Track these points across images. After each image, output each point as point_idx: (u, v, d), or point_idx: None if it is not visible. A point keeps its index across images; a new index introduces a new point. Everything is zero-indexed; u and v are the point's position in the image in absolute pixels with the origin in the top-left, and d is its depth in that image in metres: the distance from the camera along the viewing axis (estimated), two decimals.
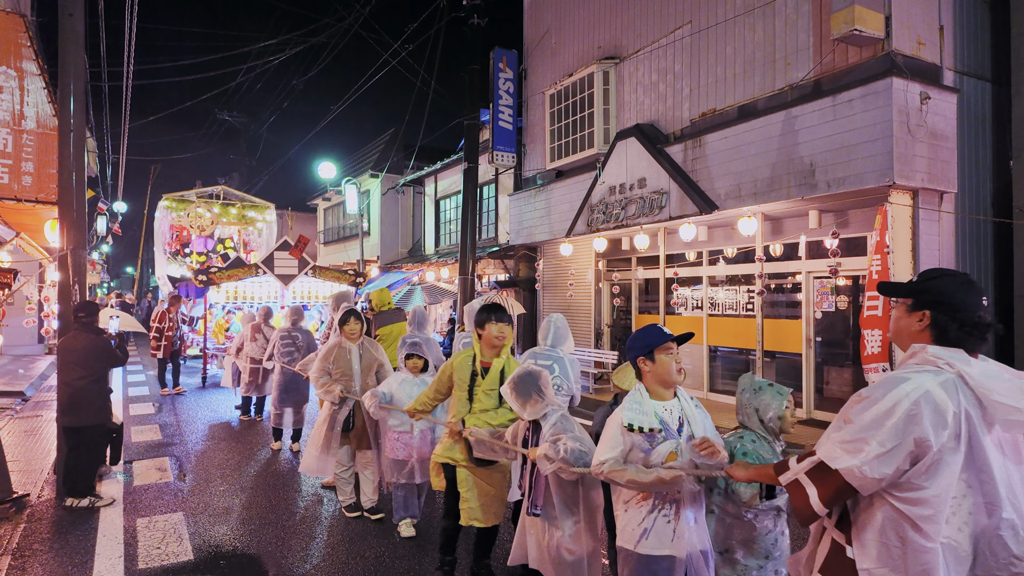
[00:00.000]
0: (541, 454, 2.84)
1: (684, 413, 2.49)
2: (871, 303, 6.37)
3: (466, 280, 12.03)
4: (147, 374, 13.37)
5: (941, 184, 6.57)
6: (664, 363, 2.47)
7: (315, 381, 4.83)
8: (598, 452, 2.49)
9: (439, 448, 3.70)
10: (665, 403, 2.48)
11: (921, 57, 6.74)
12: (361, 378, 4.86)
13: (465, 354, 3.65)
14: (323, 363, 4.82)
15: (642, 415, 2.42)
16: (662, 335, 2.50)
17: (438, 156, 18.74)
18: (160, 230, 16.95)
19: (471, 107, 12.06)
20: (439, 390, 3.80)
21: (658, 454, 2.39)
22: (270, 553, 4.24)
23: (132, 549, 4.28)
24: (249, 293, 12.08)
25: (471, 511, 3.50)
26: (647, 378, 2.50)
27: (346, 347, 4.88)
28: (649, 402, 2.45)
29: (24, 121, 7.51)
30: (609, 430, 2.49)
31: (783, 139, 7.28)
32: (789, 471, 1.81)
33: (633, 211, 9.49)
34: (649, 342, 2.49)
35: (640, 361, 2.50)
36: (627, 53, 10.30)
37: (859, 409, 1.67)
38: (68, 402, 5.18)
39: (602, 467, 2.43)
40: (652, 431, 2.40)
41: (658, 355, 2.47)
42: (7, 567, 3.97)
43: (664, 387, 2.49)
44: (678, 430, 2.45)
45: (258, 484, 5.79)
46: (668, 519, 2.41)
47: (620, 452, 2.42)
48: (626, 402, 2.47)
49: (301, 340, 7.22)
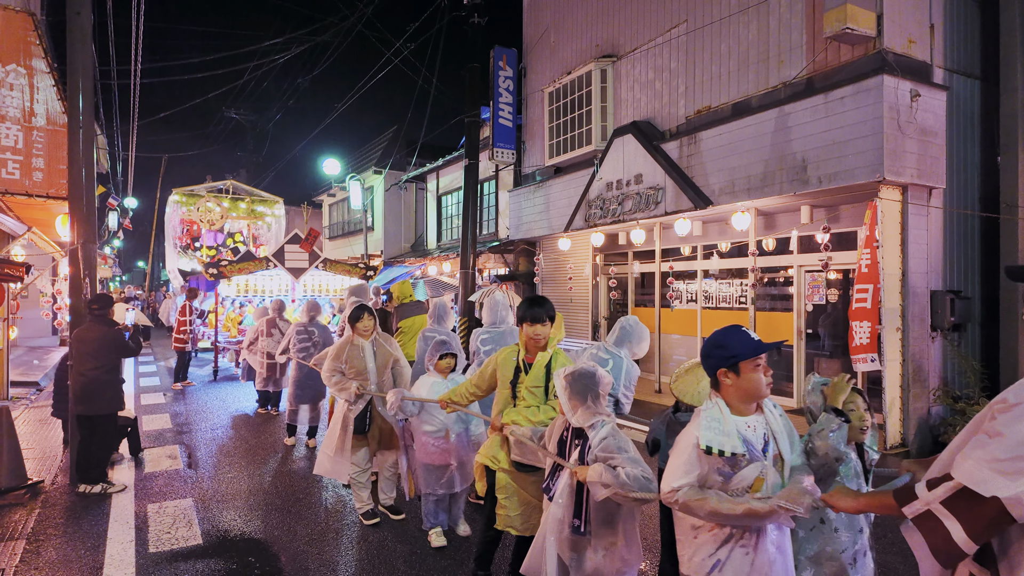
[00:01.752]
0: (595, 479, 2.44)
1: (770, 428, 2.13)
2: (860, 296, 6.52)
3: (467, 274, 12.20)
4: (158, 365, 13.59)
5: (930, 180, 6.70)
6: (752, 379, 2.09)
7: (327, 380, 4.61)
8: (669, 476, 2.11)
9: (483, 448, 3.51)
10: (748, 419, 2.11)
11: (912, 55, 6.86)
12: (377, 376, 4.60)
13: (510, 349, 3.48)
14: (334, 362, 4.58)
15: (723, 436, 2.05)
16: (752, 345, 2.09)
17: (440, 153, 18.89)
18: (170, 224, 17.05)
19: (472, 105, 12.20)
20: (479, 385, 3.57)
21: (741, 479, 2.05)
22: (277, 538, 4.37)
23: (143, 534, 4.42)
24: (260, 286, 12.08)
25: (508, 518, 3.30)
26: (728, 392, 2.13)
27: (359, 344, 4.61)
28: (731, 419, 2.08)
29: (34, 118, 7.67)
30: (682, 451, 2.11)
31: (776, 136, 7.41)
32: (917, 501, 1.48)
33: (630, 207, 9.64)
34: (735, 352, 2.09)
35: (721, 374, 2.12)
36: (624, 51, 10.43)
37: (1010, 419, 1.36)
38: (81, 391, 5.34)
39: (676, 495, 2.07)
40: (735, 455, 2.04)
41: (746, 369, 2.08)
42: (22, 551, 4.12)
43: (746, 403, 2.13)
44: (763, 449, 2.09)
45: (267, 472, 5.95)
46: (747, 551, 2.07)
47: (696, 477, 2.07)
48: (703, 419, 2.10)
49: (317, 335, 7.10)
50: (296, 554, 4.13)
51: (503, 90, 13.00)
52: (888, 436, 6.59)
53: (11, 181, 7.46)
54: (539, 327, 3.32)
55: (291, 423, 6.93)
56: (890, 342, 6.61)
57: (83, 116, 5.81)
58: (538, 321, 3.32)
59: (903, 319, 6.67)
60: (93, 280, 5.89)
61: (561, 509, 2.68)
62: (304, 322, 7.16)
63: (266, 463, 6.21)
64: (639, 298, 11.25)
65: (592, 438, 2.60)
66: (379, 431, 4.63)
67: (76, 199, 5.81)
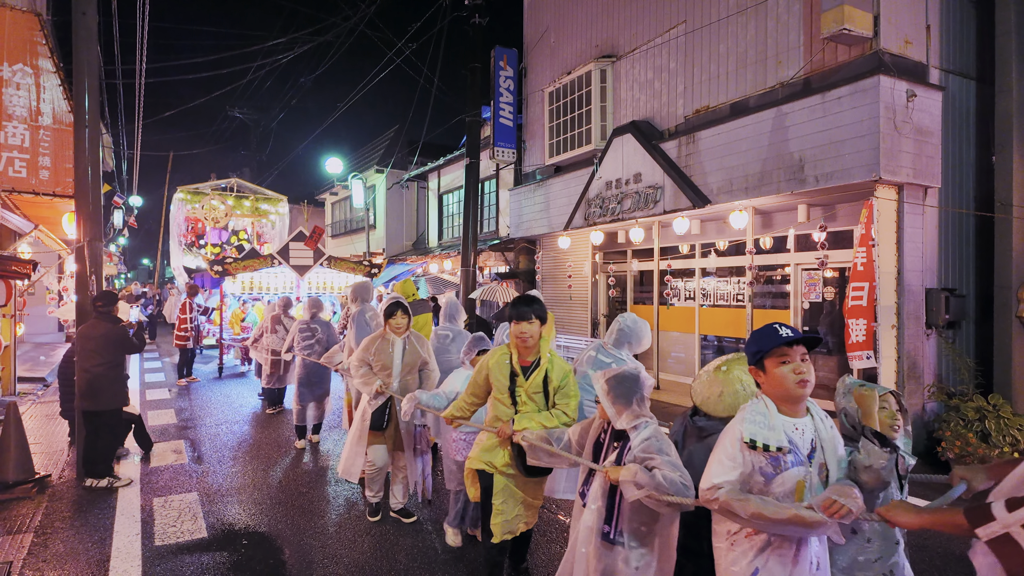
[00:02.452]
0: (629, 478, 2.28)
1: (818, 436, 1.99)
2: (856, 293, 6.59)
3: (468, 272, 12.30)
4: (163, 361, 13.67)
5: (926, 179, 6.76)
6: (777, 376, 1.96)
7: (354, 371, 4.51)
8: (710, 472, 2.00)
9: (475, 451, 3.37)
10: (795, 420, 1.99)
11: (908, 56, 6.92)
12: (401, 375, 4.46)
13: (500, 352, 3.29)
14: (363, 353, 4.50)
15: (768, 430, 1.93)
16: (772, 337, 1.97)
17: (441, 152, 18.97)
18: (175, 222, 17.09)
19: (473, 104, 12.28)
20: (475, 393, 3.41)
21: (783, 482, 1.93)
22: (282, 532, 4.44)
23: (149, 527, 4.49)
24: (265, 284, 12.04)
25: (506, 523, 3.16)
26: (765, 391, 2.04)
27: (389, 340, 4.49)
28: (777, 417, 1.96)
29: (41, 117, 7.75)
30: (724, 447, 2.01)
31: (774, 135, 7.48)
32: (995, 522, 1.37)
33: (629, 205, 9.71)
34: (758, 348, 1.99)
35: (752, 372, 2.06)
36: (624, 51, 10.49)
37: None
38: (87, 387, 5.40)
39: (716, 492, 1.96)
40: (780, 450, 1.92)
41: (770, 364, 1.97)
42: (30, 544, 4.19)
43: (786, 404, 1.99)
44: (809, 456, 1.97)
45: (272, 467, 6.02)
46: (785, 561, 1.96)
47: (739, 475, 1.96)
48: (747, 413, 2.00)
49: (321, 332, 7.05)
50: (301, 548, 4.19)
51: (504, 90, 13.07)
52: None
53: (18, 179, 7.54)
54: (524, 325, 3.15)
55: (299, 424, 6.79)
56: (886, 339, 6.69)
57: (89, 115, 5.87)
58: (523, 319, 3.15)
59: (898, 317, 6.75)
60: (99, 277, 5.95)
61: (593, 516, 2.53)
62: (306, 319, 7.11)
63: (271, 459, 6.29)
64: (638, 296, 11.33)
65: (634, 439, 2.46)
66: (395, 432, 4.53)
67: (82, 197, 5.87)
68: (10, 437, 5.25)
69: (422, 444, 4.60)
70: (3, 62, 7.63)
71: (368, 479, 4.63)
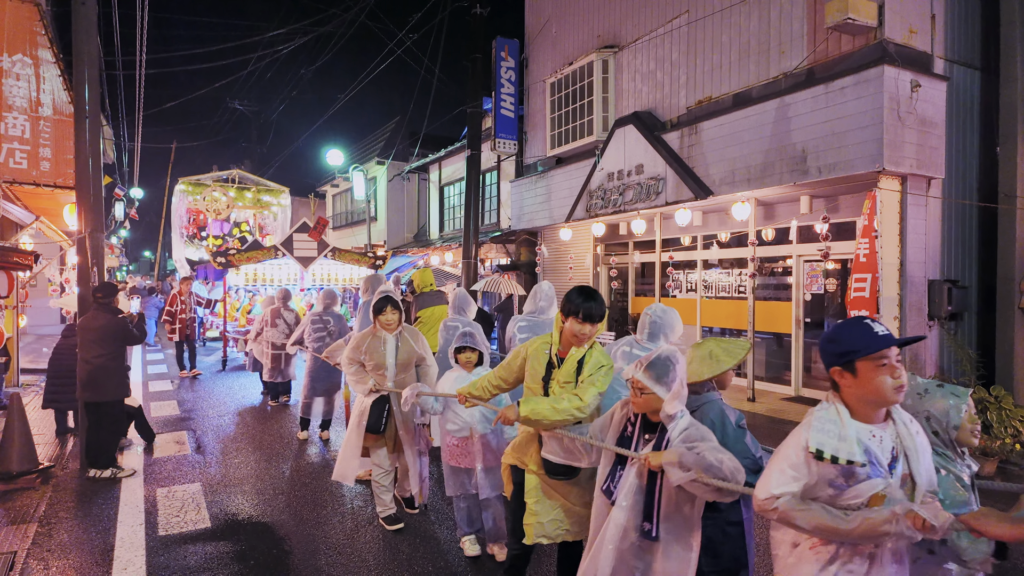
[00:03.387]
0: (674, 459, 2.15)
1: (900, 443, 1.79)
2: (858, 285, 6.59)
3: (469, 264, 12.29)
4: (166, 352, 13.68)
5: (929, 170, 6.74)
6: (874, 381, 1.74)
7: (346, 369, 4.35)
8: (768, 481, 1.84)
9: (509, 447, 3.20)
10: (873, 427, 1.78)
11: (912, 46, 6.87)
12: (396, 372, 4.22)
13: (542, 340, 3.08)
14: (354, 352, 4.28)
15: (839, 440, 1.73)
16: (874, 340, 1.74)
17: (442, 144, 18.93)
18: (177, 213, 16.99)
19: (474, 95, 12.23)
20: (504, 377, 3.18)
21: (857, 495, 1.74)
22: (285, 522, 4.45)
23: (152, 517, 4.50)
24: (269, 276, 11.94)
25: (538, 527, 2.94)
26: (847, 395, 1.81)
27: (381, 337, 4.23)
28: (850, 424, 1.76)
29: (41, 108, 7.74)
30: (785, 454, 1.84)
31: (776, 126, 7.45)
32: None
33: (630, 197, 9.69)
34: (851, 348, 1.77)
35: (835, 373, 1.82)
36: (626, 42, 10.43)
37: None
38: (88, 378, 5.41)
39: (775, 503, 1.80)
40: (852, 464, 1.71)
41: (864, 367, 1.75)
42: (34, 533, 4.20)
43: (870, 408, 1.79)
44: (890, 466, 1.76)
45: (275, 459, 6.03)
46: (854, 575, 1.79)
47: (802, 487, 1.79)
48: (815, 420, 1.81)
49: (333, 325, 6.83)
50: (304, 538, 4.21)
51: (505, 81, 13.02)
52: None
53: (18, 171, 7.53)
54: (588, 327, 2.85)
55: (304, 416, 6.65)
56: None
57: (89, 105, 5.85)
58: (589, 320, 2.83)
59: (901, 308, 6.74)
60: (101, 269, 5.95)
61: (625, 513, 2.37)
62: (319, 311, 6.91)
63: (274, 451, 6.30)
64: (639, 288, 11.33)
65: (671, 430, 2.31)
66: (395, 431, 4.31)
67: (83, 188, 5.86)
68: (14, 428, 5.27)
69: (421, 444, 4.42)
70: (3, 52, 7.61)
71: (377, 487, 4.36)
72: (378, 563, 3.84)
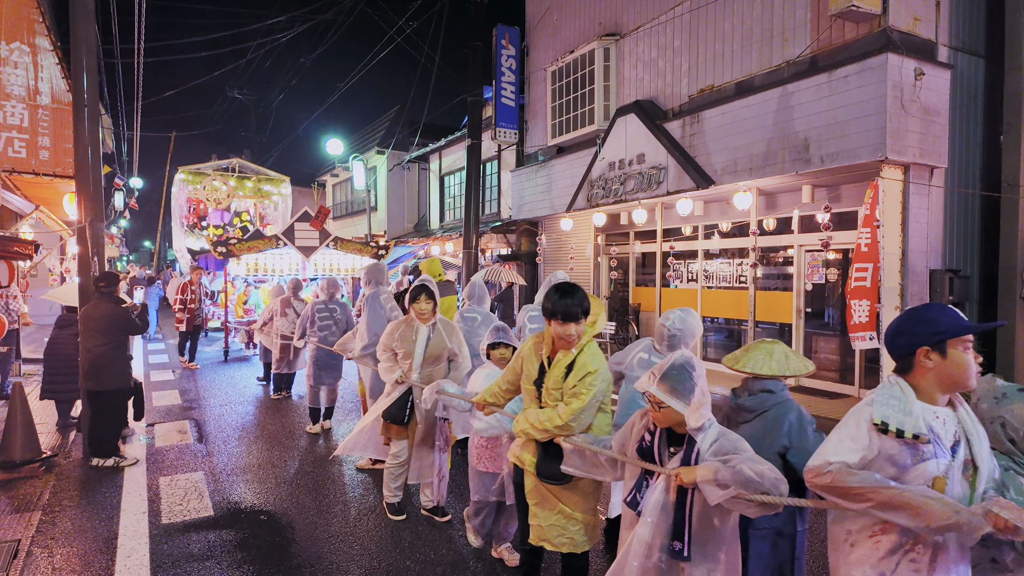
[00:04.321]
0: (710, 476, 2.03)
1: (962, 428, 1.79)
2: (859, 275, 6.58)
3: (470, 254, 12.28)
4: (167, 343, 13.69)
5: (932, 159, 6.71)
6: (963, 362, 1.77)
7: (380, 355, 4.23)
8: (824, 451, 1.82)
9: (513, 443, 3.07)
10: (936, 409, 1.79)
11: (917, 33, 6.82)
12: (423, 365, 4.07)
13: (536, 340, 2.91)
14: (388, 338, 4.17)
15: (904, 415, 1.73)
16: (963, 322, 1.80)
17: (442, 133, 18.86)
18: (177, 203, 16.74)
19: (474, 84, 12.15)
20: (510, 380, 3.05)
21: (919, 476, 1.71)
22: (287, 510, 4.47)
23: (155, 505, 4.52)
24: (270, 266, 11.78)
25: (539, 530, 2.84)
26: (923, 377, 1.80)
27: (414, 326, 4.10)
28: (915, 402, 1.77)
29: (39, 96, 7.69)
30: (846, 427, 1.82)
31: (779, 115, 7.41)
32: None
33: (632, 186, 9.66)
34: (944, 329, 1.78)
35: (923, 353, 1.80)
36: (627, 30, 10.35)
37: None
38: (90, 368, 5.42)
39: (827, 468, 1.76)
40: (918, 439, 1.71)
41: (953, 349, 1.77)
42: (38, 521, 4.22)
43: (946, 391, 1.81)
44: (952, 449, 1.75)
45: (277, 448, 6.05)
46: (917, 567, 1.73)
47: (859, 459, 1.76)
48: (879, 395, 1.80)
49: (339, 313, 6.70)
50: (306, 526, 4.23)
51: (506, 69, 12.94)
52: None
53: (17, 159, 7.50)
54: (571, 327, 2.66)
55: (313, 406, 6.58)
56: (888, 321, 6.68)
57: (87, 94, 5.80)
58: (571, 319, 2.65)
59: (902, 298, 6.73)
60: (101, 258, 5.93)
61: (651, 529, 2.23)
62: (324, 300, 6.77)
63: (276, 440, 6.32)
64: (640, 278, 11.32)
65: (700, 442, 2.17)
66: (417, 425, 4.18)
67: (83, 177, 5.83)
68: (16, 417, 5.28)
69: (441, 440, 4.26)
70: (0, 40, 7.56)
71: (388, 475, 4.27)
72: (380, 550, 3.86)
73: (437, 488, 4.33)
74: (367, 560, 3.73)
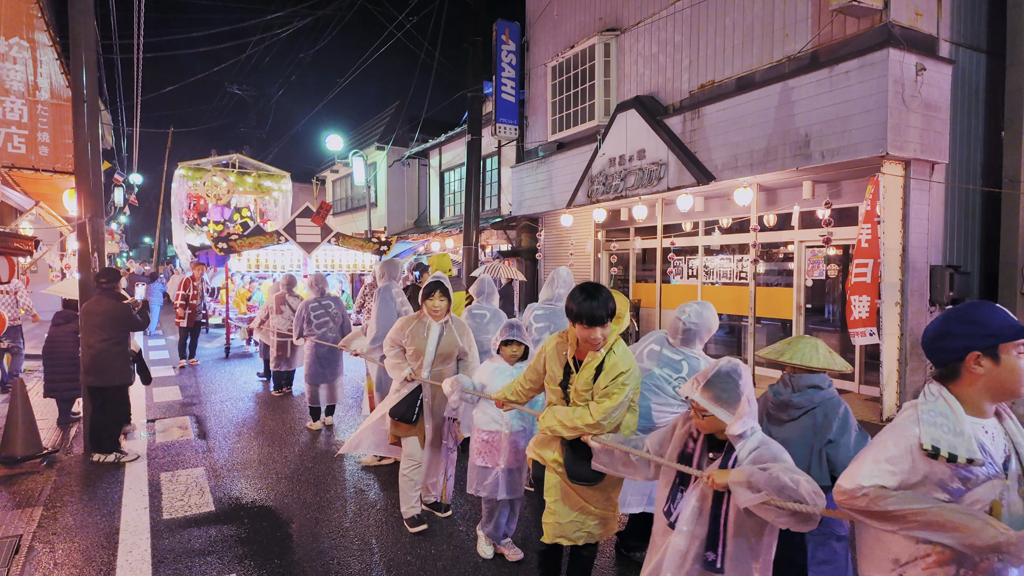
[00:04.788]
0: (742, 478, 1.96)
1: (1011, 440, 1.65)
2: (859, 270, 6.58)
3: (470, 250, 12.27)
4: (167, 339, 13.69)
5: (933, 155, 6.70)
6: (1016, 369, 1.60)
7: (386, 351, 4.13)
8: (857, 472, 1.66)
9: (532, 440, 3.04)
10: (983, 421, 1.63)
11: (918, 28, 6.80)
12: (434, 363, 3.99)
13: (559, 339, 2.84)
14: (397, 333, 4.06)
15: (955, 436, 1.57)
16: (1015, 324, 1.63)
17: (442, 129, 18.82)
18: (177, 199, 16.60)
19: (474, 79, 12.12)
20: (532, 379, 3.00)
21: (974, 500, 1.56)
22: (288, 506, 4.48)
23: (157, 501, 4.54)
24: (271, 262, 11.71)
25: (556, 527, 2.80)
26: (971, 385, 1.64)
27: (426, 323, 4.00)
28: (964, 418, 1.60)
29: (38, 92, 7.67)
30: (881, 445, 1.66)
31: (780, 110, 7.39)
32: None
33: (632, 182, 9.64)
34: (996, 332, 1.62)
35: (974, 359, 1.62)
36: (628, 25, 10.32)
37: None
38: (91, 363, 5.42)
39: (862, 491, 1.62)
40: (971, 463, 1.55)
41: (1007, 355, 1.60)
42: (40, 517, 4.24)
43: (995, 400, 1.65)
44: (1004, 466, 1.61)
45: (278, 444, 6.07)
46: None
47: (897, 482, 1.61)
48: (923, 413, 1.63)
49: (334, 309, 6.65)
50: (307, 521, 4.24)
51: (506, 64, 12.90)
52: (885, 409, 6.70)
53: (17, 155, 7.49)
54: (597, 331, 2.57)
55: (313, 405, 6.53)
56: (889, 316, 6.68)
57: (87, 89, 5.78)
58: (596, 323, 2.56)
59: (902, 294, 6.73)
60: (101, 254, 5.93)
61: (686, 539, 2.16)
62: (316, 298, 6.69)
63: (277, 435, 6.33)
64: (640, 274, 11.32)
65: (739, 450, 2.10)
66: (425, 425, 4.09)
67: (83, 173, 5.82)
68: (17, 413, 5.30)
69: (450, 440, 4.21)
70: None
71: (405, 483, 4.07)
72: (381, 546, 3.87)
73: (443, 486, 4.29)
74: (367, 555, 3.75)
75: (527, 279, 12.91)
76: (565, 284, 4.69)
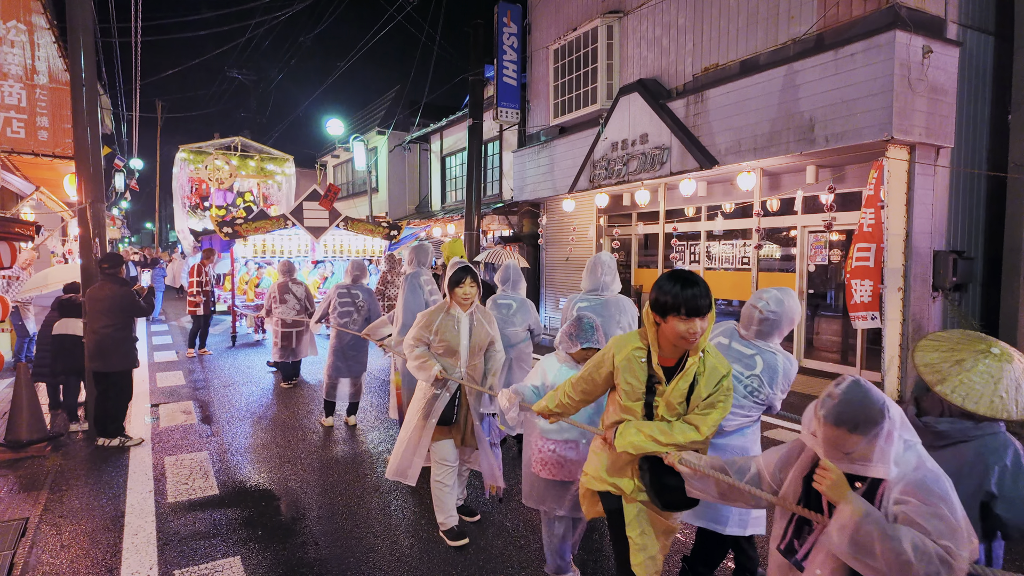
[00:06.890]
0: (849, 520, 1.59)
1: None
2: (861, 255, 6.55)
3: (472, 236, 12.25)
4: (170, 325, 13.69)
5: (938, 139, 6.64)
6: None
7: (408, 350, 3.71)
8: None
9: (592, 466, 2.53)
10: None
11: (925, 10, 6.70)
12: (470, 357, 3.67)
13: (632, 345, 2.33)
14: (422, 331, 3.67)
15: None
16: None
17: (443, 113, 18.70)
18: (178, 183, 16.27)
19: (475, 63, 12.03)
20: (587, 391, 2.51)
21: None
22: (292, 489, 4.52)
23: (161, 484, 4.58)
24: (278, 247, 11.34)
25: (651, 563, 2.38)
26: None
27: (455, 316, 3.65)
28: None
29: (37, 76, 7.61)
30: None
31: (784, 94, 7.32)
32: None
33: (635, 167, 9.59)
34: None
35: None
36: (631, 7, 10.20)
37: None
38: (96, 348, 5.44)
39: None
40: None
41: None
42: (46, 500, 4.28)
43: None
44: None
45: (280, 426, 6.11)
46: None
47: None
48: None
49: (362, 300, 6.16)
50: (311, 504, 4.28)
51: (507, 47, 12.77)
52: (886, 393, 6.71)
53: (16, 140, 7.45)
54: (696, 323, 2.14)
55: (328, 399, 6.14)
56: (891, 301, 6.67)
57: (85, 73, 5.75)
58: (696, 313, 2.13)
59: (905, 279, 6.71)
60: (103, 239, 5.92)
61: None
62: (347, 284, 6.24)
63: (281, 420, 6.36)
64: (642, 259, 11.29)
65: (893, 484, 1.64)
66: (463, 423, 3.75)
67: (83, 158, 5.79)
68: (22, 398, 5.32)
69: (493, 435, 3.91)
70: None
71: (439, 488, 3.75)
72: (384, 529, 3.90)
73: (496, 480, 3.84)
74: (371, 539, 3.77)
75: (529, 265, 12.89)
76: (609, 270, 4.21)
